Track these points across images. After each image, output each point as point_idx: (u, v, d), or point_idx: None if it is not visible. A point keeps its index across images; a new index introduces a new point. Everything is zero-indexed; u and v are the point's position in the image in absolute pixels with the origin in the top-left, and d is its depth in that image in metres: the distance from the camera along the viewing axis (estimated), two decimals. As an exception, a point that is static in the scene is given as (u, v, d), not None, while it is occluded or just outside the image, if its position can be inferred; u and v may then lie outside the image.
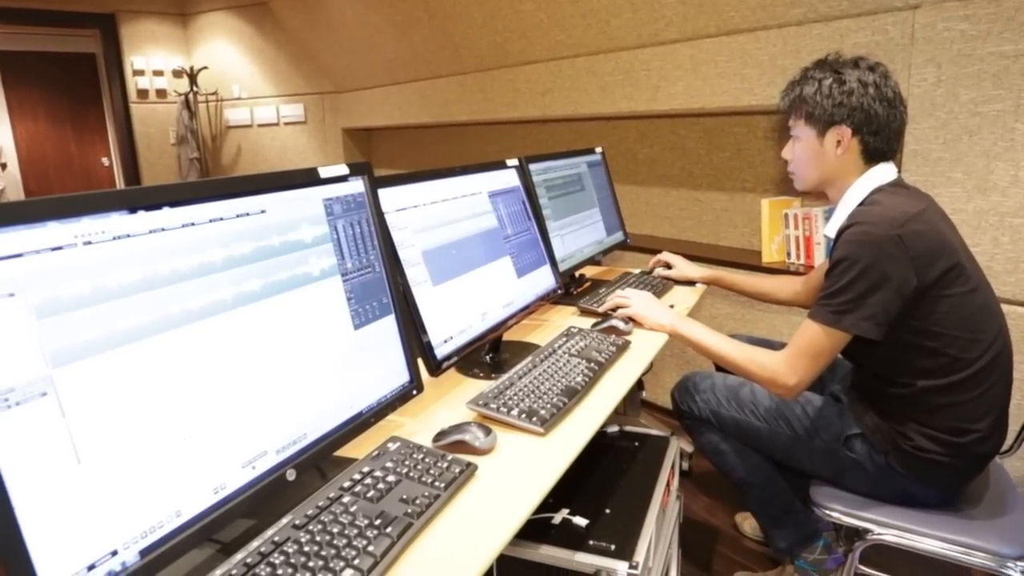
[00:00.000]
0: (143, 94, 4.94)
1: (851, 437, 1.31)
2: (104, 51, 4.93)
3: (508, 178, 1.51)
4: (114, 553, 0.60)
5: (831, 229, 1.30)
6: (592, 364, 1.23)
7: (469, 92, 3.42)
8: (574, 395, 1.10)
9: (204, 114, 5.00)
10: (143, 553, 0.63)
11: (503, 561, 0.76)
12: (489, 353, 1.35)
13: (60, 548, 0.56)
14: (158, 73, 4.95)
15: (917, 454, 1.22)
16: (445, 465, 0.87)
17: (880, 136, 1.26)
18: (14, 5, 4.55)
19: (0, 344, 0.54)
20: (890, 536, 1.22)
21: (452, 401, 1.15)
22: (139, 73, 4.91)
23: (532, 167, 1.65)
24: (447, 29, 3.23)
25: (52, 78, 6.78)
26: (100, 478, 0.60)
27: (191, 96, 4.81)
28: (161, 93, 4.99)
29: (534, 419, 1.01)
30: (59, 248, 0.59)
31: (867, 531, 1.24)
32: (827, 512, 1.29)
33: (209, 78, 4.91)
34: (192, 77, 4.82)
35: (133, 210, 0.65)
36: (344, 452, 0.91)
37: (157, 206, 0.68)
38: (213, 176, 5.06)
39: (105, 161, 7.18)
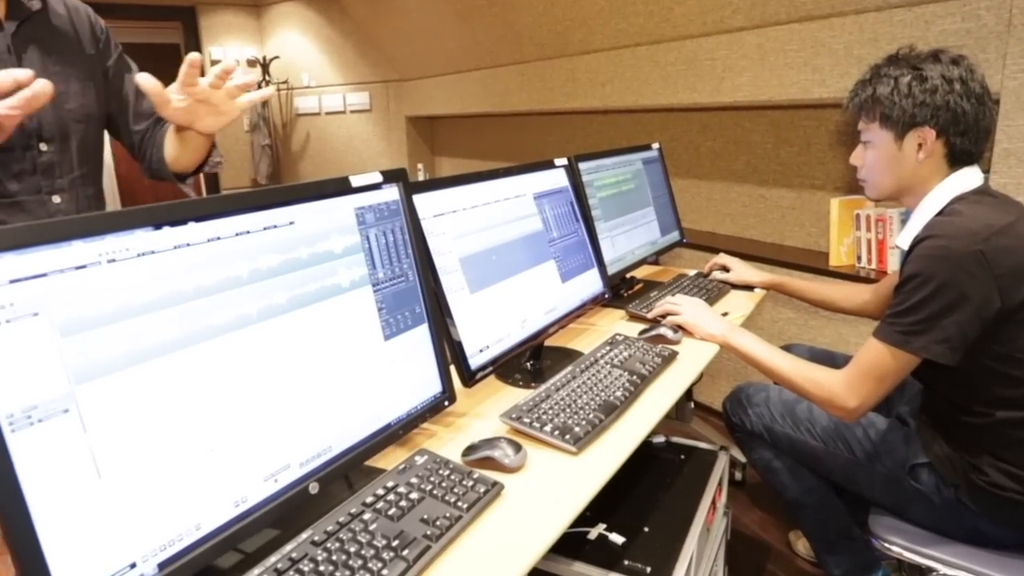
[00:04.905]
0: (220, 83, 5.13)
1: (917, 466, 1.21)
2: (185, 41, 5.15)
3: (556, 178, 1.46)
4: (133, 566, 0.62)
5: (904, 240, 1.20)
6: (634, 377, 1.18)
7: (529, 81, 3.36)
8: (612, 411, 1.06)
9: (275, 102, 5.16)
10: (161, 566, 0.64)
11: (532, 574, 0.75)
12: (530, 360, 1.32)
13: (79, 561, 0.58)
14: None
15: (992, 491, 1.11)
16: (470, 484, 0.85)
17: (968, 137, 1.14)
18: (106, 1, 4.81)
19: (23, 363, 0.55)
20: (957, 577, 1.13)
21: (486, 410, 1.13)
22: (217, 63, 5.08)
23: (582, 166, 1.60)
24: (507, 18, 3.18)
25: (140, 67, 7.15)
26: (120, 492, 0.61)
27: (264, 85, 4.97)
28: (236, 82, 5.17)
29: (567, 437, 0.97)
30: (83, 267, 0.60)
31: (931, 570, 1.15)
32: (887, 545, 1.21)
33: (280, 67, 5.06)
34: (265, 66, 4.98)
35: (158, 226, 0.66)
36: (373, 461, 0.91)
37: (183, 221, 0.68)
38: (283, 162, 5.23)
39: (186, 147, 7.52)
